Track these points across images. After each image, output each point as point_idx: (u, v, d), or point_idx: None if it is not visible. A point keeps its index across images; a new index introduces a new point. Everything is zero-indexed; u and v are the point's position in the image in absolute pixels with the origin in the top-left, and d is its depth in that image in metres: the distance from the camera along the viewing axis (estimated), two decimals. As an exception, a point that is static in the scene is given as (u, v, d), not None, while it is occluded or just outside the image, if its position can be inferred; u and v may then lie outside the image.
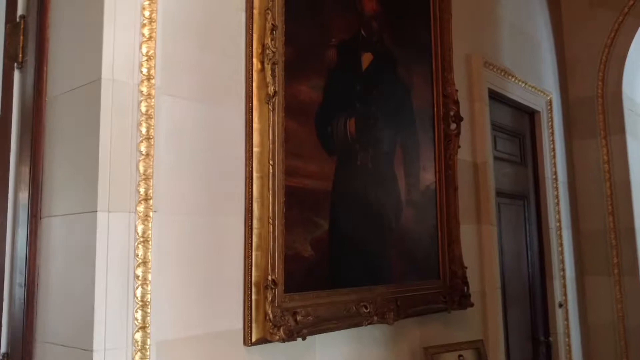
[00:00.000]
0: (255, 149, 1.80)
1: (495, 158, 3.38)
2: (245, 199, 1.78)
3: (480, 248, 3.02)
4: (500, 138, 3.50)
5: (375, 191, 2.29)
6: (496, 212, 3.31)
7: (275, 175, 1.83)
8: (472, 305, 2.66)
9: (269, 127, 1.81)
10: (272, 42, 1.85)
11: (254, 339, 1.73)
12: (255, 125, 1.81)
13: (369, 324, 2.10)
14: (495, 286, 3.03)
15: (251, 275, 1.75)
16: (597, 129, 4.11)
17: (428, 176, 2.63)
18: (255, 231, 1.77)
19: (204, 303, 1.66)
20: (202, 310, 1.65)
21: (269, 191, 1.78)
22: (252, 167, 1.79)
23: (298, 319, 1.84)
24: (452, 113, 2.74)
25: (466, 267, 2.68)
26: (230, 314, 1.73)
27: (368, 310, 2.13)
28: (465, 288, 2.66)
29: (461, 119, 2.76)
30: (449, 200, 2.68)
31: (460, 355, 2.43)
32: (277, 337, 1.72)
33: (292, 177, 1.92)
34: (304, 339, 1.82)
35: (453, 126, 2.75)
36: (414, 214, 2.50)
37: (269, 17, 1.83)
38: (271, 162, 1.79)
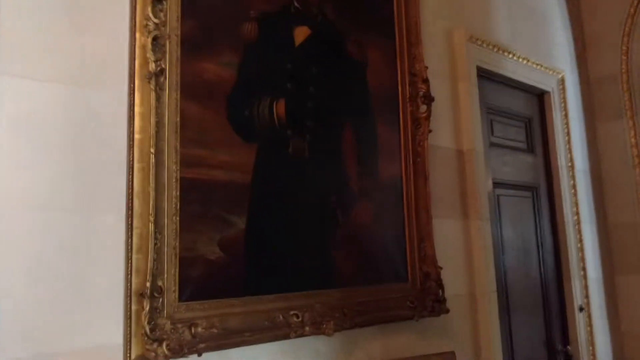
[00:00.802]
0: (136, 136, 1.56)
1: (493, 145, 3.02)
2: (127, 194, 1.55)
3: (468, 246, 2.66)
4: (500, 123, 3.12)
5: (313, 183, 2.01)
6: (494, 205, 2.95)
7: (164, 166, 1.59)
8: (447, 311, 2.32)
9: (151, 110, 1.57)
10: (160, 12, 1.62)
11: (133, 356, 1.48)
12: (137, 109, 1.58)
13: (297, 336, 1.82)
14: (488, 289, 2.66)
15: (131, 281, 1.51)
16: (622, 109, 3.62)
17: (391, 165, 2.31)
18: (135, 231, 1.53)
19: (71, 315, 1.43)
20: (67, 323, 1.42)
21: (149, 184, 1.54)
22: (133, 157, 1.55)
23: (197, 331, 1.59)
24: (421, 93, 2.41)
25: (441, 268, 2.34)
26: (109, 326, 1.49)
27: (300, 319, 1.84)
28: (440, 292, 2.32)
29: (432, 99, 2.43)
30: (419, 192, 2.35)
31: (424, 371, 2.10)
32: (154, 355, 1.47)
33: (193, 168, 1.67)
34: (199, 354, 1.57)
35: (423, 108, 2.42)
36: (371, 208, 2.19)
37: (151, -16, 1.60)
38: (152, 150, 1.55)
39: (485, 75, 2.96)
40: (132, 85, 1.58)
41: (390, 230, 2.26)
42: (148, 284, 1.49)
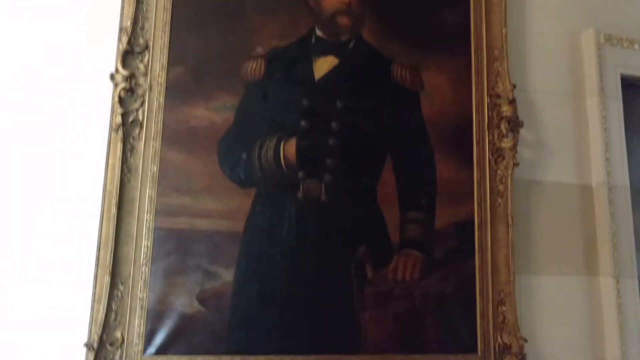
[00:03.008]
0: (108, 187, 1.60)
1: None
2: (97, 243, 1.59)
3: (593, 311, 2.02)
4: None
5: (331, 231, 1.76)
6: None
7: (133, 215, 1.61)
8: (528, 398, 1.78)
9: (117, 160, 1.59)
10: (140, 63, 1.67)
11: (87, 407, 1.49)
12: (110, 160, 1.61)
13: (282, 407, 1.60)
14: (627, 372, 1.97)
15: (90, 332, 1.53)
16: None
17: (456, 209, 1.89)
18: (98, 281, 1.55)
19: None
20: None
21: (108, 234, 1.55)
22: (103, 208, 1.59)
23: (158, 389, 1.53)
24: (505, 118, 1.95)
25: (525, 340, 1.82)
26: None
27: (293, 388, 1.63)
28: (523, 370, 1.80)
29: (519, 124, 1.95)
30: (497, 243, 1.89)
31: None
32: (88, 411, 1.45)
33: (172, 217, 1.63)
34: (152, 414, 1.50)
35: (509, 136, 1.95)
36: (419, 261, 1.82)
37: (124, 39, 1.63)
38: (114, 201, 1.56)
39: (630, 83, 2.25)
40: (109, 137, 1.63)
41: (450, 289, 1.84)
42: (95, 336, 1.49)
